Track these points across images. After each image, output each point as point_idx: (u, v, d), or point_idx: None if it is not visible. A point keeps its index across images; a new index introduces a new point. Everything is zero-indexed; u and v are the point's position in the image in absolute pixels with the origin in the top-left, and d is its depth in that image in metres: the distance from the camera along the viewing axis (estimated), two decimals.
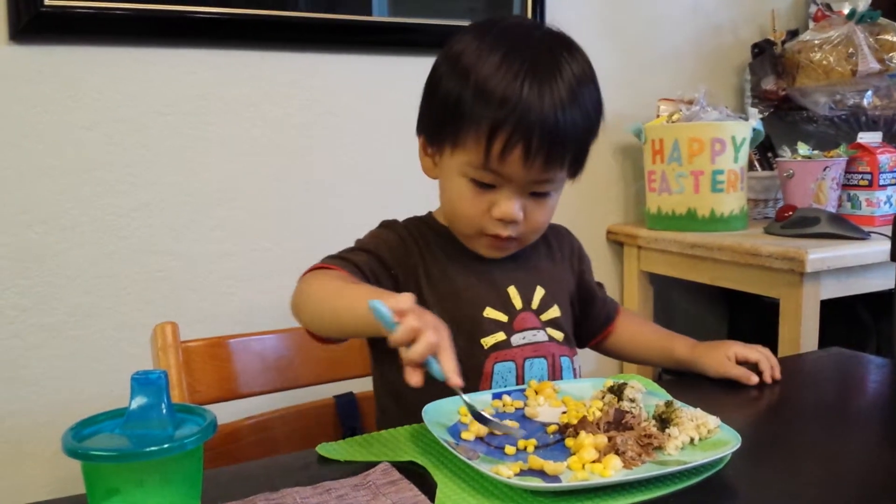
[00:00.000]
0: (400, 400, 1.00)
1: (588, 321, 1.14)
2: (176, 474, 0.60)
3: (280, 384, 1.15)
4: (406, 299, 0.74)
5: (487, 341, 0.97)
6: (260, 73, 1.59)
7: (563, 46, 0.93)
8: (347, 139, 1.69)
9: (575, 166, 0.96)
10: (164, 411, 0.61)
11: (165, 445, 0.58)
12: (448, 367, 0.72)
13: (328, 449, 0.80)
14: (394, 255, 0.99)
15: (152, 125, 1.51)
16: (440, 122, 0.94)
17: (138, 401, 0.61)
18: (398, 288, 0.97)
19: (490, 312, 0.99)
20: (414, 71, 1.06)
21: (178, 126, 1.53)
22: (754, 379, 1.01)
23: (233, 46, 1.56)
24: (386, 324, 0.72)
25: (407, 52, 1.70)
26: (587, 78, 0.93)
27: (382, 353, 1.02)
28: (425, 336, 0.71)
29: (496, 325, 0.98)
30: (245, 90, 1.58)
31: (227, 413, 1.05)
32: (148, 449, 0.57)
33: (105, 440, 0.60)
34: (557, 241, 1.11)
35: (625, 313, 1.18)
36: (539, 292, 1.03)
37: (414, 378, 0.71)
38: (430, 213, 1.07)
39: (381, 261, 0.97)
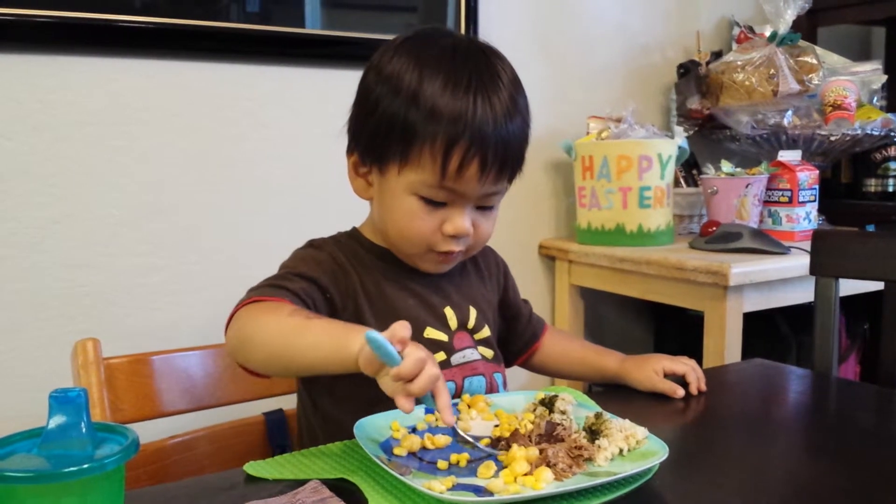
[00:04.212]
0: (339, 430, 0.95)
1: (514, 339, 1.15)
2: (95, 495, 0.58)
3: (207, 402, 1.12)
4: (403, 327, 0.71)
5: None
6: (188, 83, 1.56)
7: (494, 54, 0.94)
8: (278, 152, 1.67)
9: (516, 173, 0.96)
10: (84, 430, 0.59)
11: (84, 466, 0.55)
12: (444, 403, 0.72)
13: (256, 467, 0.78)
14: (329, 277, 0.95)
15: (74, 135, 1.46)
16: (383, 143, 0.91)
17: (56, 419, 0.58)
18: (335, 313, 0.94)
19: (430, 333, 0.98)
20: (347, 84, 1.05)
21: (102, 136, 1.49)
22: (680, 392, 1.02)
23: (160, 56, 1.53)
24: (389, 358, 0.69)
25: (340, 66, 1.70)
26: (519, 83, 0.94)
27: (317, 384, 0.99)
28: (428, 369, 0.70)
29: (437, 346, 0.97)
30: (172, 100, 1.55)
31: (151, 432, 1.03)
32: (66, 469, 0.55)
33: (21, 461, 0.58)
34: (484, 260, 1.11)
35: (552, 331, 1.19)
36: (472, 312, 1.03)
37: (409, 405, 0.70)
38: (355, 228, 1.05)
39: (318, 285, 0.93)
